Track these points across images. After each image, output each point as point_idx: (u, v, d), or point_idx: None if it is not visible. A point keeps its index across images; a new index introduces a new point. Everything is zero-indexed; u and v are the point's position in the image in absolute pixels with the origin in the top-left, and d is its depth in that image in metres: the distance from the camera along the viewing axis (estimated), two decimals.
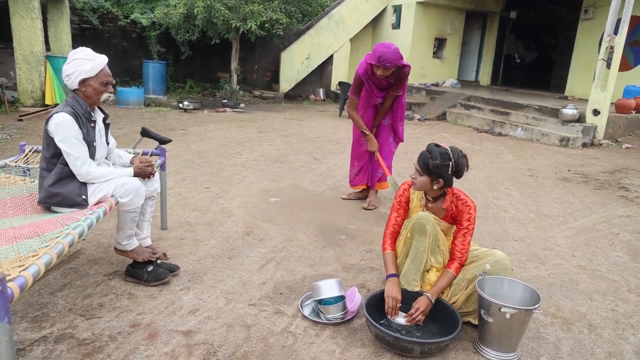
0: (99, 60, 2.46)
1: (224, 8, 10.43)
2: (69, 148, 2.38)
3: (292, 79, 13.74)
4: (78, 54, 2.46)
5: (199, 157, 5.92)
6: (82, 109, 2.48)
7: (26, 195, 2.75)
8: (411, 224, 2.48)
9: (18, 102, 9.05)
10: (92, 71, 2.43)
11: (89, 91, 2.47)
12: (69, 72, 2.45)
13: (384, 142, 4.34)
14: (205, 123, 8.59)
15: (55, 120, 2.37)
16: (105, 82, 2.49)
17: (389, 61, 3.73)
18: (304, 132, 8.20)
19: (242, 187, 4.76)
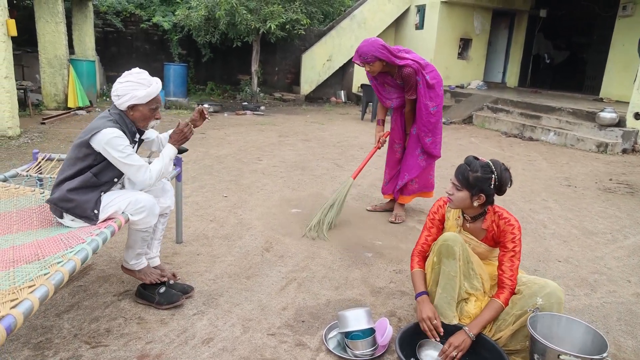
0: (154, 88, 2.32)
1: (246, 10, 10.30)
2: (131, 160, 2.27)
3: (313, 81, 13.54)
4: (134, 75, 2.32)
5: (218, 162, 5.75)
6: (128, 128, 2.36)
7: (34, 208, 2.59)
8: (437, 247, 2.23)
9: (42, 105, 9.06)
10: (144, 99, 2.31)
11: (137, 116, 2.36)
12: (120, 93, 2.30)
13: (410, 153, 4.04)
14: (225, 126, 8.44)
15: (106, 136, 2.21)
16: (155, 108, 2.37)
17: (365, 54, 3.57)
18: (326, 136, 7.98)
19: (262, 196, 4.55)
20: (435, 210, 2.45)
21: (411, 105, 3.91)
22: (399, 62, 3.67)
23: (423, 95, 3.79)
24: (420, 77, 3.74)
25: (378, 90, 4.00)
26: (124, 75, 2.34)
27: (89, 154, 2.27)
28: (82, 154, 2.29)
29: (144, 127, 2.42)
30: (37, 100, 9.19)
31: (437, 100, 3.87)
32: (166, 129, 2.64)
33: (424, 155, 4.04)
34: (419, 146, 4.00)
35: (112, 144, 2.22)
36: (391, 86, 3.90)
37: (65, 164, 2.35)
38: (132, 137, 2.37)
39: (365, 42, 3.65)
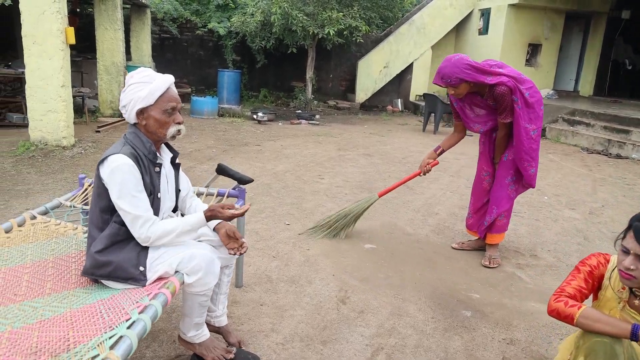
0: (158, 83, 1.83)
1: (302, 15, 9.87)
2: (127, 204, 1.76)
3: (369, 89, 12.96)
4: (134, 77, 1.86)
5: (276, 180, 5.28)
6: (145, 148, 1.86)
7: (73, 255, 2.16)
8: (587, 347, 1.61)
9: (98, 112, 8.96)
10: (149, 98, 1.82)
11: (151, 124, 1.86)
12: (125, 102, 1.86)
13: (499, 183, 3.38)
14: (280, 137, 8.00)
15: (110, 165, 1.76)
16: (170, 109, 1.85)
17: (448, 76, 3.02)
18: (388, 150, 7.38)
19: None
20: (594, 264, 1.82)
21: (506, 129, 3.27)
22: (489, 81, 3.05)
23: (521, 116, 3.14)
24: (517, 96, 3.10)
25: (464, 113, 3.38)
26: (127, 78, 1.89)
27: (102, 193, 1.83)
28: (97, 192, 1.86)
29: (163, 136, 1.89)
30: (94, 107, 9.12)
31: (537, 122, 3.20)
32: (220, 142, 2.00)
33: (515, 185, 3.39)
34: (510, 174, 3.35)
35: (114, 178, 1.76)
36: (480, 107, 3.28)
37: (91, 206, 1.93)
38: (151, 160, 1.88)
39: (448, 61, 3.05)
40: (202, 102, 9.81)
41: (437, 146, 3.53)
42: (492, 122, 3.27)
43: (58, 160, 5.54)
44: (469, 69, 3.02)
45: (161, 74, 1.88)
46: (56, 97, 5.80)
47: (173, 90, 1.89)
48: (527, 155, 3.20)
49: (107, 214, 1.85)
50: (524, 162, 3.22)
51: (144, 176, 1.83)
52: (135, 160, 1.79)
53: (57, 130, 5.92)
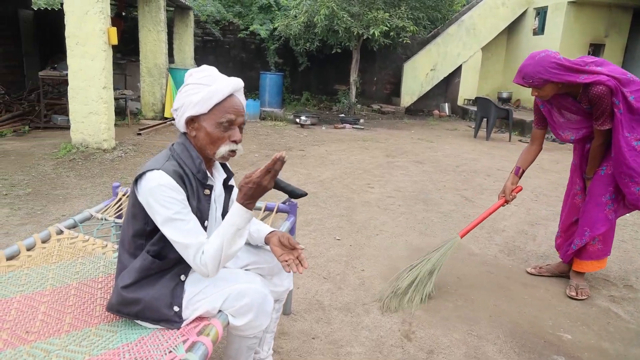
0: (217, 87, 1.45)
1: (347, 15, 9.51)
2: (173, 231, 1.41)
3: (415, 93, 12.45)
4: (193, 75, 1.51)
5: (323, 188, 4.91)
6: (194, 165, 1.50)
7: (100, 279, 1.86)
8: None
9: (140, 115, 8.89)
10: (202, 104, 1.45)
11: (201, 137, 1.49)
12: (177, 104, 1.51)
13: (593, 201, 2.83)
14: (324, 142, 7.65)
15: (150, 183, 1.41)
16: (226, 122, 1.47)
17: (530, 76, 2.58)
18: (439, 157, 6.89)
19: (383, 240, 3.62)
20: None
21: (603, 138, 2.76)
22: (583, 80, 2.56)
23: (622, 124, 2.60)
24: (618, 99, 2.58)
25: (552, 118, 2.89)
26: (185, 77, 1.56)
27: (138, 214, 1.49)
28: (131, 212, 1.52)
29: (212, 155, 1.51)
30: (136, 109, 9.05)
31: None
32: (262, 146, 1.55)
33: (614, 205, 2.84)
34: (609, 191, 2.81)
35: (154, 196, 1.41)
36: (573, 112, 2.78)
37: (123, 226, 1.60)
38: (200, 181, 1.52)
39: (531, 58, 2.59)
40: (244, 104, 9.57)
41: (516, 167, 3.04)
42: (586, 130, 2.77)
43: (98, 164, 5.37)
44: (555, 68, 2.55)
45: (225, 76, 1.51)
46: (97, 99, 5.65)
47: (236, 99, 1.50)
48: (631, 171, 2.66)
49: (142, 239, 1.52)
50: (625, 178, 2.69)
51: (191, 200, 1.47)
52: (179, 179, 1.44)
53: (98, 133, 5.77)
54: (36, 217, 3.79)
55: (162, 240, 1.47)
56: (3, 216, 3.77)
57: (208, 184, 1.56)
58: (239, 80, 1.51)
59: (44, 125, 7.15)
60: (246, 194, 1.38)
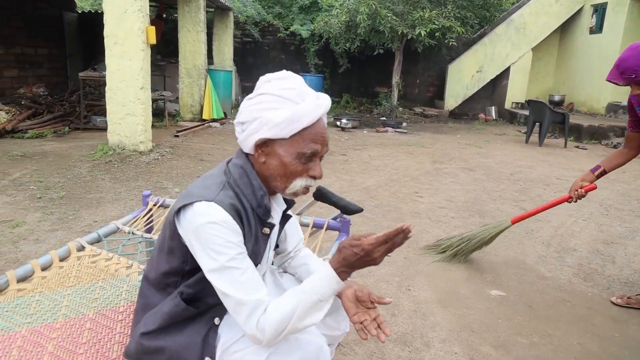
0: (308, 107, 1.11)
1: (391, 14, 9.12)
2: (224, 282, 1.09)
3: (459, 95, 11.92)
4: (272, 83, 1.16)
5: (369, 197, 4.56)
6: (255, 198, 1.18)
7: (122, 308, 1.58)
8: None
9: (178, 116, 8.79)
10: (285, 127, 1.11)
11: (272, 167, 1.16)
12: (244, 117, 1.17)
13: None
14: (367, 146, 7.29)
15: (199, 219, 1.09)
16: (310, 153, 1.14)
17: (633, 71, 2.14)
18: (490, 164, 6.42)
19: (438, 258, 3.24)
20: None
21: None
22: None
23: None
24: None
25: None
26: (258, 83, 1.20)
27: (177, 249, 1.18)
28: (168, 247, 1.20)
29: (281, 190, 1.20)
30: (174, 111, 8.96)
31: None
32: None
33: None
34: None
35: (203, 236, 1.08)
36: None
37: (153, 255, 1.29)
38: (260, 216, 1.20)
39: (633, 49, 2.16)
40: None
41: (595, 166, 2.62)
42: None
43: (134, 167, 5.21)
44: None
45: (314, 92, 1.17)
46: (135, 100, 5.50)
47: (323, 124, 1.16)
48: None
49: (176, 277, 1.22)
50: None
51: (246, 241, 1.16)
52: (237, 216, 1.12)
53: (134, 135, 5.62)
54: (67, 222, 3.61)
55: (201, 282, 1.15)
56: (35, 221, 3.61)
57: (269, 222, 1.23)
58: (328, 99, 1.18)
59: (83, 126, 7.10)
60: (347, 259, 1.06)
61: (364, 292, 1.26)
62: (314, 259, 1.49)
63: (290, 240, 1.44)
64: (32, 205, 3.93)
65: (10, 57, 8.64)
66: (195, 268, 1.16)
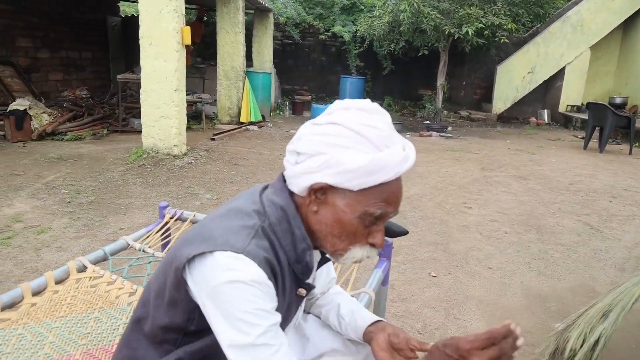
0: (392, 158, 0.83)
1: (435, 12, 8.68)
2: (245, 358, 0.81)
3: (509, 98, 11.28)
4: (352, 114, 0.87)
5: (412, 207, 4.20)
6: (295, 252, 0.91)
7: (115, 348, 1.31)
8: None
9: (216, 119, 8.67)
10: (360, 176, 0.83)
11: (327, 220, 0.88)
12: (304, 146, 0.88)
13: None
14: None
15: (219, 276, 0.82)
16: (378, 214, 0.86)
17: None
18: (546, 172, 5.89)
19: (491, 281, 2.85)
20: None
21: None
22: None
23: None
24: None
25: None
26: (331, 108, 0.91)
27: (180, 302, 0.89)
28: (168, 296, 0.91)
29: (333, 253, 0.92)
30: (212, 114, 8.85)
31: None
32: None
33: None
34: None
35: (226, 298, 0.81)
36: None
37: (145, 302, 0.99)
38: (295, 275, 0.93)
39: None
40: (322, 110, 8.98)
41: None
42: None
43: (166, 171, 5.05)
44: None
45: (401, 138, 0.89)
46: (169, 102, 5.35)
47: (401, 184, 0.89)
48: None
49: (177, 334, 0.93)
50: None
51: (279, 306, 0.88)
52: (272, 275, 0.86)
53: (168, 137, 5.47)
54: (93, 229, 3.45)
55: (209, 349, 0.89)
56: (61, 227, 3.47)
57: (307, 282, 0.95)
58: (414, 152, 0.89)
59: (121, 128, 7.06)
60: None
61: (400, 337, 0.99)
62: (345, 297, 1.18)
63: (319, 280, 1.13)
64: (61, 210, 3.81)
65: (56, 61, 8.79)
66: (203, 329, 0.89)
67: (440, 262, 3.10)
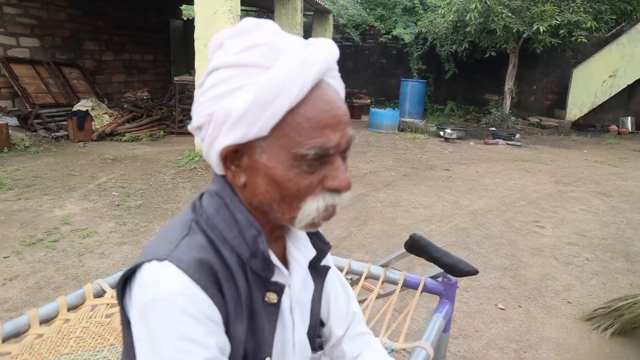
0: (289, 70, 0.59)
1: (506, 11, 8.10)
2: None
3: (586, 104, 10.40)
4: (226, 44, 0.64)
5: (475, 223, 3.81)
6: (245, 244, 0.67)
7: None
8: None
9: None
10: (257, 115, 0.60)
11: (260, 186, 0.64)
12: (195, 116, 0.66)
13: None
14: (474, 161, 6.42)
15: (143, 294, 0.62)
16: (314, 153, 0.61)
17: None
18: (632, 188, 5.25)
19: (572, 319, 2.44)
20: None
21: None
22: None
23: None
24: None
25: None
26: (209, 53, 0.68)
27: (130, 346, 0.68)
28: (126, 339, 0.72)
29: (289, 222, 0.66)
30: None
31: None
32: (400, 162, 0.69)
33: None
34: None
35: (143, 324, 0.62)
36: None
37: None
38: (258, 273, 0.68)
39: None
40: (381, 114, 8.76)
41: None
42: None
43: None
44: None
45: (301, 41, 0.65)
46: None
47: (331, 94, 0.64)
48: None
49: None
50: None
51: (233, 320, 0.66)
52: (210, 280, 0.63)
53: None
54: (137, 235, 3.35)
55: None
56: (106, 231, 3.39)
57: (273, 281, 0.70)
58: (330, 45, 0.65)
59: (178, 130, 7.08)
60: None
61: None
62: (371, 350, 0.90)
63: (334, 310, 0.87)
64: (109, 213, 3.75)
65: (119, 63, 9.03)
66: None
67: (508, 291, 2.71)
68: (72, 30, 7.85)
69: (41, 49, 7.28)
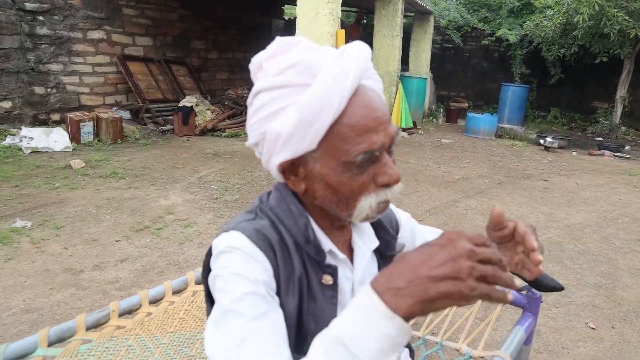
0: (324, 87, 0.65)
1: (622, 13, 7.43)
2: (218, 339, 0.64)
3: None
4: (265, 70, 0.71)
5: (571, 238, 3.61)
6: (300, 232, 0.77)
7: None
8: None
9: None
10: (303, 134, 0.67)
11: (319, 191, 0.73)
12: (250, 135, 0.74)
13: None
14: (575, 172, 6.02)
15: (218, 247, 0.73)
16: (362, 158, 0.67)
17: None
18: None
19: None
20: None
21: None
22: None
23: None
24: None
25: None
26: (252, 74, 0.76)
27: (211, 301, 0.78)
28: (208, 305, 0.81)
29: (349, 219, 0.74)
30: None
31: None
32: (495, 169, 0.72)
33: None
34: None
35: (214, 271, 0.72)
36: None
37: None
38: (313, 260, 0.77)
39: None
40: (479, 119, 8.50)
41: None
42: None
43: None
44: None
45: (334, 51, 0.71)
46: None
47: (368, 96, 0.69)
48: None
49: None
50: None
51: (284, 292, 0.73)
52: (266, 246, 0.73)
53: None
54: None
55: None
56: (205, 222, 3.69)
57: (327, 264, 0.77)
58: (362, 50, 0.71)
59: None
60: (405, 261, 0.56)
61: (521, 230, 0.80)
62: None
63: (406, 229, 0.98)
64: (208, 205, 4.06)
65: (223, 62, 9.62)
66: None
67: (601, 310, 2.56)
68: (182, 30, 8.51)
69: (153, 48, 7.98)
